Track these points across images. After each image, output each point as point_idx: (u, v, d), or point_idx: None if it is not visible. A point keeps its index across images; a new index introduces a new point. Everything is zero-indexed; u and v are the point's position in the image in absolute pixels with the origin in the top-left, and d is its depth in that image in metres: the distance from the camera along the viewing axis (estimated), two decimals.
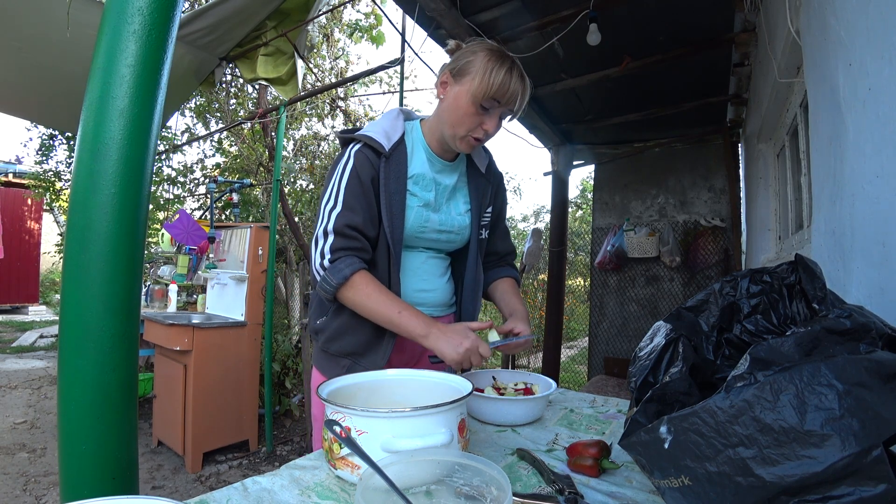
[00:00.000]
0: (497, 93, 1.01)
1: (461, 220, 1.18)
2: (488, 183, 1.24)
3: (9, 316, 9.34)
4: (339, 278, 1.00)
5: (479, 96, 1.01)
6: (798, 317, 0.68)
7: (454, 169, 1.19)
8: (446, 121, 1.08)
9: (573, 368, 6.29)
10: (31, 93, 3.16)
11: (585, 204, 10.97)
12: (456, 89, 1.05)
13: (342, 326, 1.11)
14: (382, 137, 1.08)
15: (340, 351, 1.11)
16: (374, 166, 1.07)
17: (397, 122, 1.14)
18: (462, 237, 1.20)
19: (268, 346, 3.23)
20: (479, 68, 1.01)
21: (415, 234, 1.12)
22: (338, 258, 1.02)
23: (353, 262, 1.01)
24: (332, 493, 0.68)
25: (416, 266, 1.16)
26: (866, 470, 0.41)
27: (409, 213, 1.10)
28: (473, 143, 1.08)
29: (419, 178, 1.12)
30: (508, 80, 1.01)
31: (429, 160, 1.15)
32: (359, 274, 1.01)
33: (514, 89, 1.03)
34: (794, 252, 1.40)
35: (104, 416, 0.90)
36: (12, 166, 9.56)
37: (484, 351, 0.97)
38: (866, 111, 0.97)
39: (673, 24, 2.58)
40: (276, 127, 3.66)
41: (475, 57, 1.03)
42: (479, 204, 1.21)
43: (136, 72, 0.93)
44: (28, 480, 2.69)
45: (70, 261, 0.92)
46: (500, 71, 1.01)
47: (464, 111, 1.04)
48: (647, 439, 0.55)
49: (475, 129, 1.06)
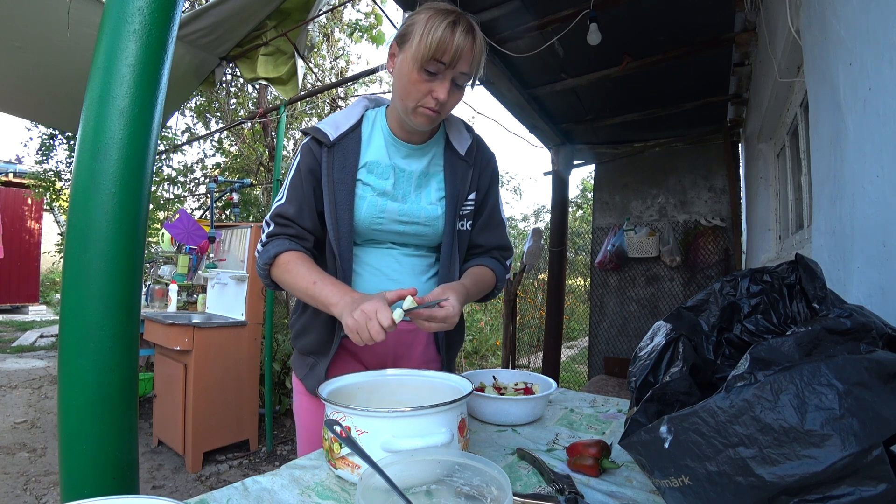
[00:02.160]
0: (437, 51, 0.90)
1: (431, 209, 1.07)
2: (469, 166, 1.10)
3: (9, 316, 9.34)
4: (264, 258, 1.00)
5: (420, 59, 0.91)
6: (798, 317, 0.67)
7: (424, 153, 1.08)
8: (397, 94, 0.99)
9: (573, 368, 6.29)
10: (31, 92, 3.16)
11: (585, 204, 10.97)
12: (400, 58, 0.97)
13: (303, 325, 1.09)
14: (330, 128, 1.04)
15: (303, 349, 1.10)
16: (315, 158, 1.03)
17: (354, 109, 1.09)
18: (434, 228, 1.08)
19: (268, 346, 3.23)
20: (419, 29, 0.92)
21: (371, 227, 1.04)
22: (268, 242, 1.01)
23: (281, 244, 1.00)
24: (332, 492, 0.68)
25: (383, 264, 1.08)
26: (866, 470, 0.41)
27: (360, 204, 1.02)
28: (429, 115, 0.97)
29: (373, 166, 1.05)
30: (449, 35, 0.90)
31: (390, 145, 1.06)
32: (285, 253, 0.99)
33: (459, 44, 0.90)
34: (794, 252, 1.40)
35: (104, 416, 0.90)
36: (12, 166, 9.58)
37: (383, 318, 0.80)
38: (866, 111, 0.97)
39: (673, 24, 2.58)
40: (276, 126, 3.66)
41: (416, 17, 0.95)
42: (457, 191, 1.08)
43: (136, 72, 0.93)
44: (28, 480, 2.69)
45: (70, 261, 0.92)
46: (440, 27, 0.90)
47: (409, 79, 0.94)
48: (647, 439, 0.55)
49: (424, 98, 0.95)
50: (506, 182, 12.10)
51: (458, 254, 1.11)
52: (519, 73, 3.24)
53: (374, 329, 0.80)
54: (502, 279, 1.16)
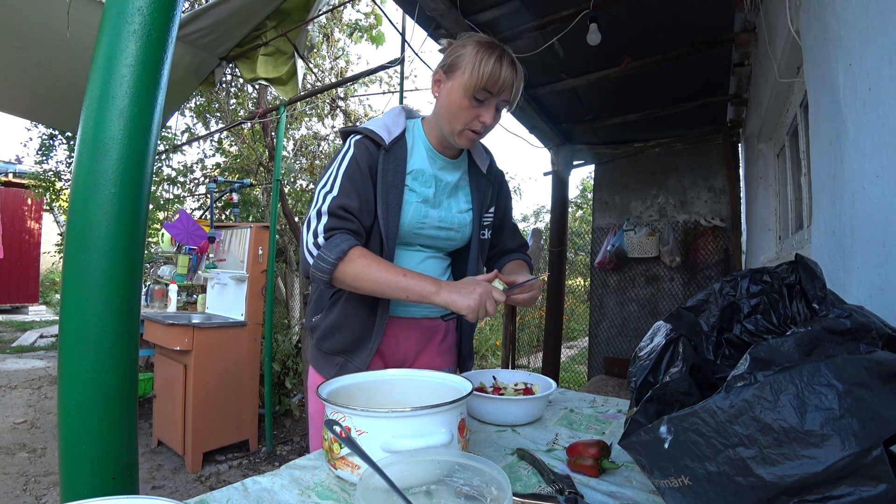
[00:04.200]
0: (488, 83, 1.01)
1: (462, 217, 1.17)
2: (490, 183, 1.23)
3: (9, 316, 9.33)
4: (336, 253, 0.96)
5: (472, 88, 1.01)
6: (798, 317, 0.67)
7: (456, 167, 1.19)
8: (444, 117, 1.08)
9: (573, 368, 6.29)
10: (31, 92, 3.16)
11: (585, 204, 10.97)
12: (449, 85, 1.05)
13: (334, 323, 1.10)
14: (383, 131, 1.09)
15: (332, 349, 1.11)
16: (373, 156, 1.07)
17: (399, 118, 1.14)
18: (462, 235, 1.19)
19: (268, 346, 3.23)
20: (469, 61, 1.01)
21: (412, 231, 1.11)
22: (332, 236, 0.99)
23: (349, 238, 0.99)
24: (332, 493, 0.68)
25: (412, 265, 1.14)
26: (866, 470, 0.41)
27: (407, 209, 1.09)
28: (472, 137, 1.08)
29: (418, 174, 1.12)
30: (499, 68, 1.01)
31: (429, 157, 1.15)
32: (356, 248, 0.99)
33: (506, 77, 1.02)
34: (794, 252, 1.40)
35: (104, 416, 0.90)
36: (12, 166, 9.58)
37: (498, 295, 0.96)
38: (866, 111, 0.97)
39: (673, 24, 2.58)
40: (276, 127, 3.66)
41: (464, 50, 1.03)
42: (481, 203, 1.21)
43: (136, 72, 0.93)
44: (28, 480, 2.69)
45: (70, 261, 0.92)
46: (489, 61, 1.00)
47: (458, 105, 1.04)
48: (647, 439, 0.55)
49: (472, 122, 1.05)
50: None
51: (481, 259, 1.25)
52: None
53: (492, 306, 0.95)
54: (532, 269, 1.33)
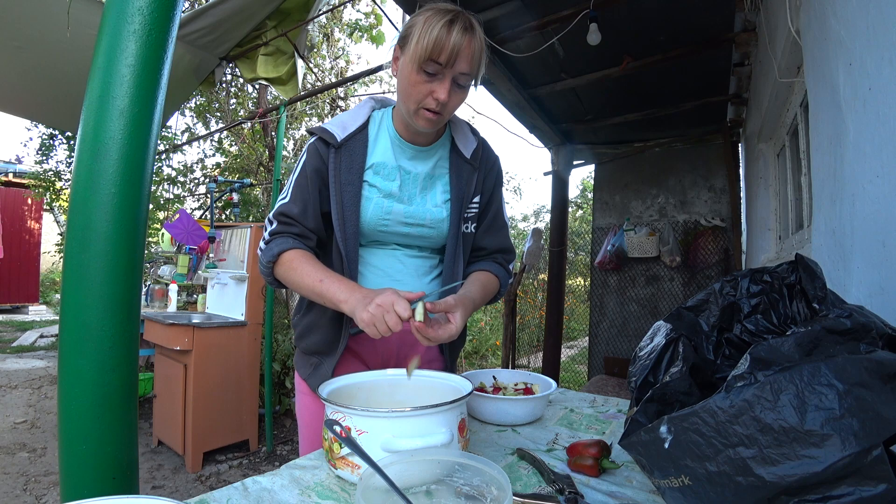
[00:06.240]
0: (433, 51, 0.88)
1: (436, 212, 1.07)
2: (474, 169, 1.11)
3: (9, 316, 9.34)
4: (268, 256, 0.99)
5: (418, 59, 0.90)
6: (798, 317, 0.67)
7: (429, 155, 1.08)
8: (401, 97, 0.99)
9: (573, 368, 6.29)
10: (31, 92, 3.15)
11: (585, 204, 10.98)
12: (402, 60, 0.96)
13: (309, 324, 1.09)
14: (337, 128, 1.03)
15: (308, 349, 1.09)
16: (322, 158, 1.03)
17: (361, 110, 1.08)
18: (439, 231, 1.08)
19: (268, 346, 3.23)
20: (417, 30, 0.91)
21: (377, 228, 1.04)
22: (272, 240, 1.01)
23: (285, 242, 0.99)
24: (332, 492, 0.68)
25: (387, 265, 1.08)
26: (866, 470, 0.41)
27: (367, 205, 1.03)
28: (429, 117, 0.96)
29: (380, 167, 1.05)
30: (445, 34, 0.88)
31: (395, 147, 1.06)
32: (289, 252, 0.99)
33: (455, 44, 0.88)
34: (794, 252, 1.40)
35: (104, 416, 0.90)
36: (12, 166, 9.58)
37: (401, 310, 0.81)
38: (866, 111, 0.97)
39: (673, 24, 2.58)
40: (276, 127, 3.66)
41: (417, 19, 0.94)
42: (462, 194, 1.09)
43: (136, 72, 0.93)
44: (28, 480, 2.69)
45: (70, 261, 0.92)
46: (435, 27, 0.88)
47: (408, 81, 0.94)
48: (647, 439, 0.55)
49: (425, 100, 0.94)
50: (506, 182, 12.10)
51: (462, 256, 1.11)
52: (519, 73, 3.24)
53: (393, 321, 0.81)
54: (505, 284, 1.16)
